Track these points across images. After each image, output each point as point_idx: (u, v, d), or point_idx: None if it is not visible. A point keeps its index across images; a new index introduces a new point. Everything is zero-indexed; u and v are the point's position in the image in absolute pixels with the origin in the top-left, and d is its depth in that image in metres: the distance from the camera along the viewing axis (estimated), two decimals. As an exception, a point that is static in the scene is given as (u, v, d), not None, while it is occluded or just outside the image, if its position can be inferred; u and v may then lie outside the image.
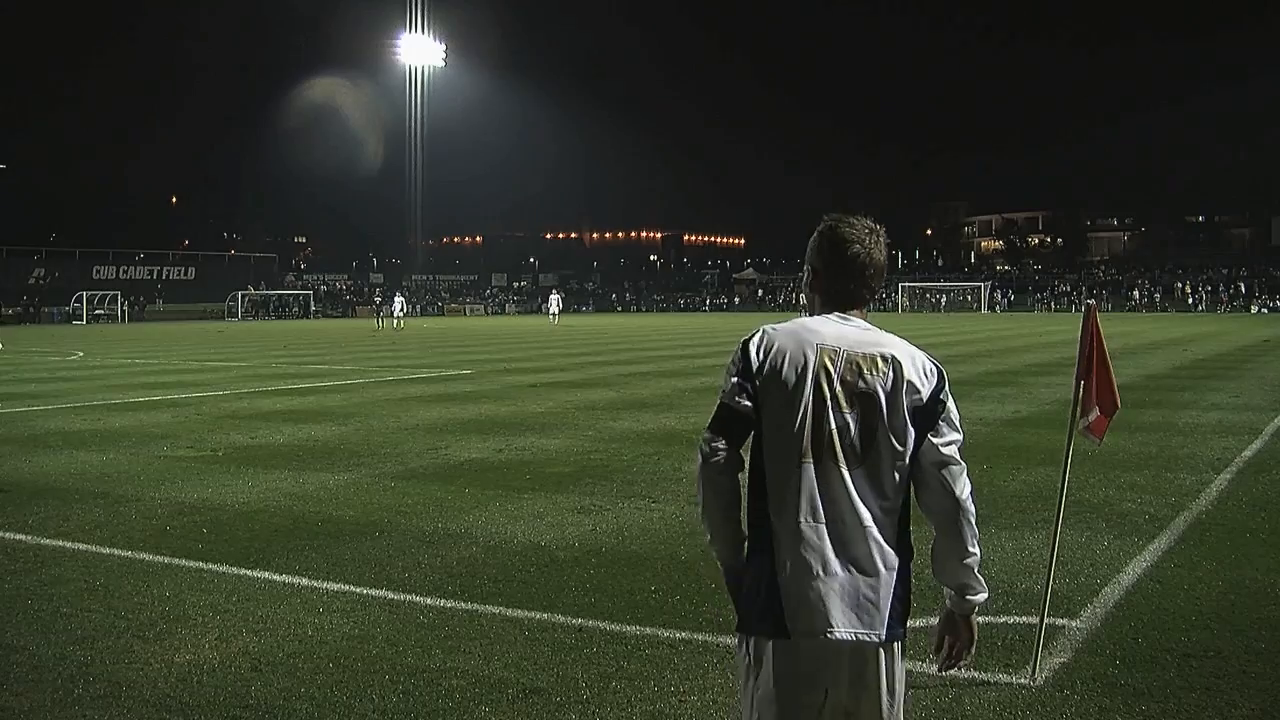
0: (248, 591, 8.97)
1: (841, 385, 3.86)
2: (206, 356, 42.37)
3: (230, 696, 6.69)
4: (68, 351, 47.32)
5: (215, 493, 13.22)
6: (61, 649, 7.61)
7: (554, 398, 23.80)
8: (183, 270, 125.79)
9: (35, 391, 27.23)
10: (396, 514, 11.91)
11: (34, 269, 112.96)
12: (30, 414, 22.15)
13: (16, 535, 11.11)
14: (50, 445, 17.39)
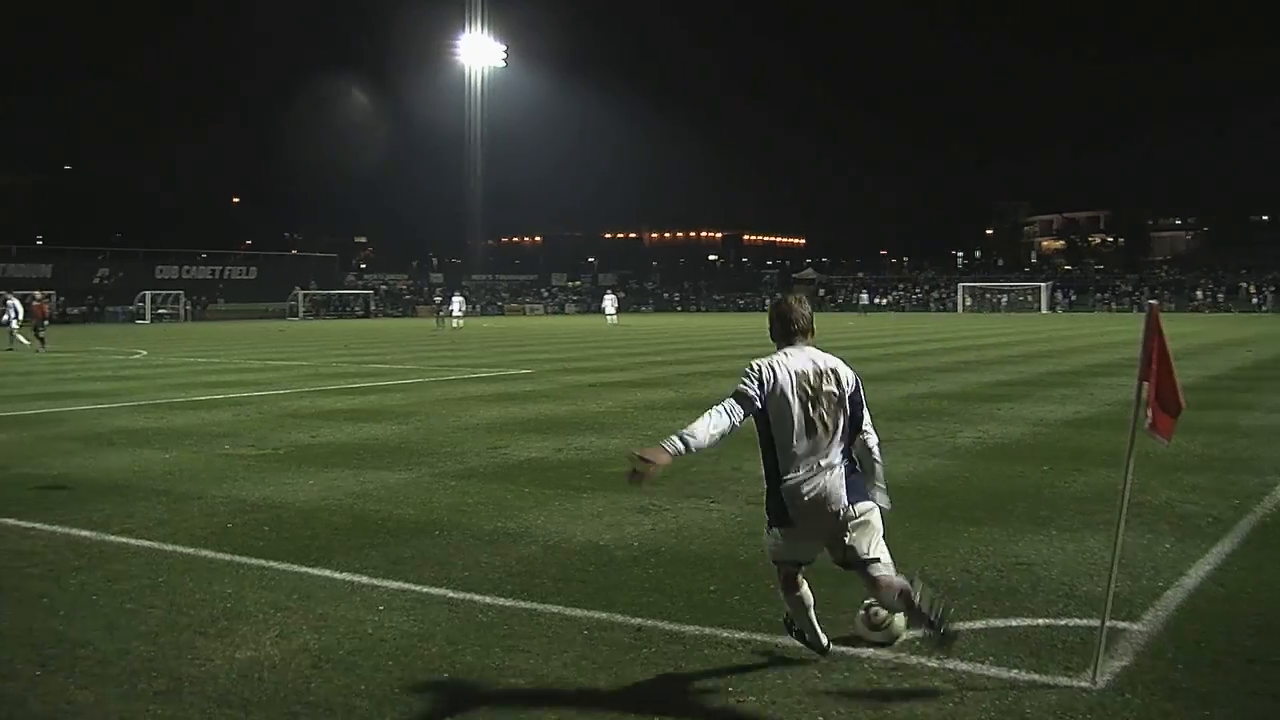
0: (308, 589, 9.02)
1: (812, 388, 6.73)
2: (268, 356, 42.62)
3: (290, 693, 6.73)
4: (131, 350, 47.73)
5: (276, 491, 13.30)
6: (126, 644, 7.68)
7: (613, 397, 23.81)
8: (244, 270, 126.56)
9: (99, 390, 27.48)
10: (456, 513, 11.94)
11: (98, 269, 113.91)
12: (94, 412, 22.35)
13: (82, 531, 11.21)
14: (114, 443, 17.54)
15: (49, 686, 6.92)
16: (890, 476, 7.27)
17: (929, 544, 10.37)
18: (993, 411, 20.34)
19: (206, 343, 56.11)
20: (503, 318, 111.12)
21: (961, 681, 6.78)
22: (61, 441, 17.81)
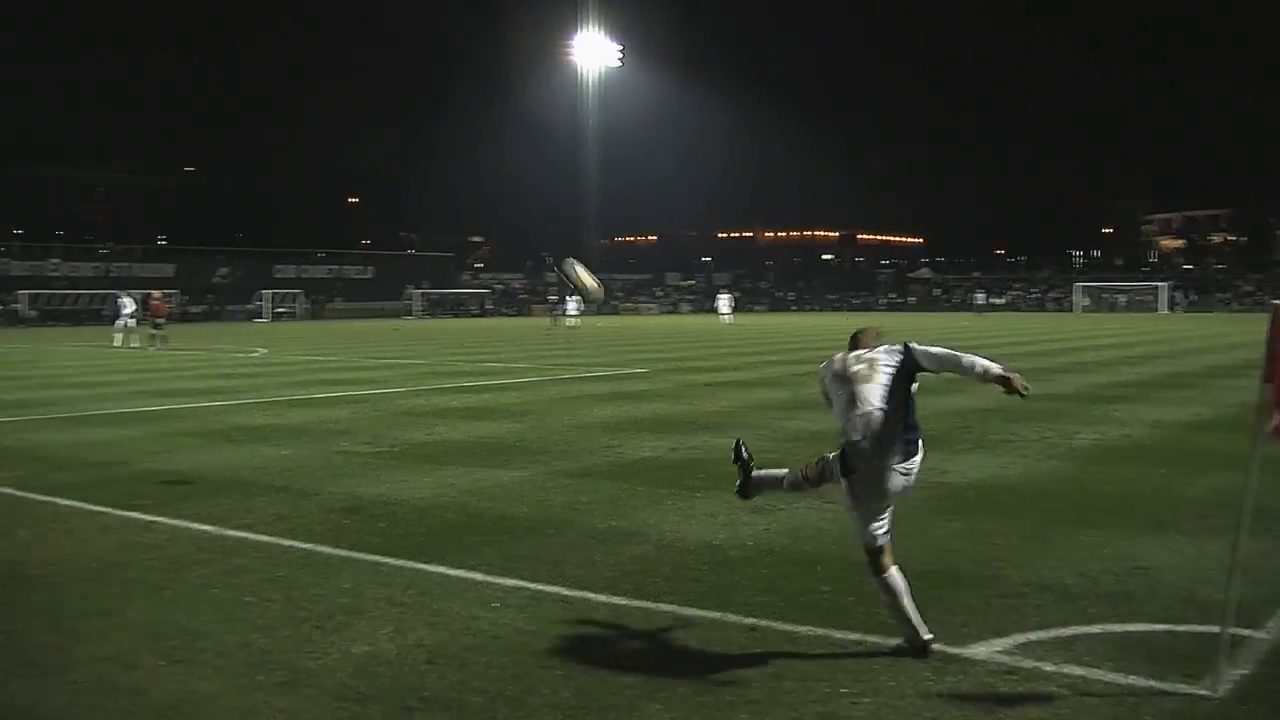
0: (424, 586, 9.09)
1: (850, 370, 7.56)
2: (384, 354, 43.03)
3: (405, 688, 6.79)
4: (250, 348, 48.40)
5: (392, 488, 13.43)
6: (245, 636, 7.79)
7: (727, 397, 23.79)
8: (361, 269, 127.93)
9: (219, 387, 27.91)
10: (570, 511, 11.99)
11: (218, 268, 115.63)
12: (214, 409, 22.70)
13: (203, 526, 11.39)
14: (233, 439, 17.80)
15: (171, 676, 7.04)
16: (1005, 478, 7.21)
17: (1045, 546, 10.26)
18: (1110, 413, 20.06)
19: (324, 341, 56.79)
20: (617, 317, 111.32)
21: (1078, 686, 6.69)
22: (183, 438, 18.11)
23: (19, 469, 15.15)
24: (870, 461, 7.25)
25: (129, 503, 12.61)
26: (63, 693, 6.84)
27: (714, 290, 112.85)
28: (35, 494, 13.36)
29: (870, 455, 7.24)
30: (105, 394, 26.32)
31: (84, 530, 11.35)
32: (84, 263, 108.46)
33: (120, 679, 7.04)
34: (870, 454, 7.24)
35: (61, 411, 22.34)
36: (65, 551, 10.47)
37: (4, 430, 19.56)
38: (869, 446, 7.23)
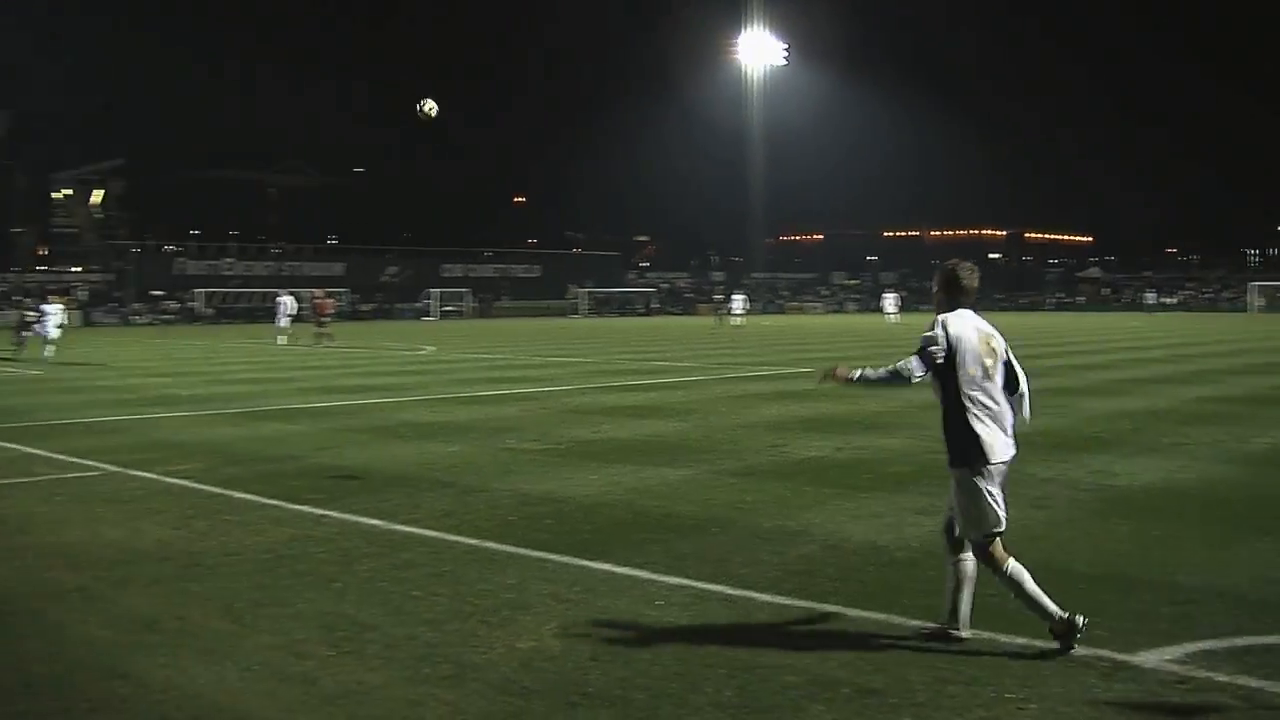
0: (589, 583, 9.14)
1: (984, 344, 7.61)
2: (551, 352, 43.33)
3: (569, 684, 6.83)
4: (418, 346, 49.03)
5: (559, 485, 13.52)
6: (412, 629, 7.90)
7: (894, 396, 23.56)
8: (528, 268, 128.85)
9: (389, 384, 28.32)
10: (735, 510, 11.97)
11: (387, 267, 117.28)
12: (384, 405, 23.05)
13: (372, 520, 11.57)
14: (402, 436, 18.05)
15: (340, 667, 7.16)
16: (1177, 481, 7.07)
17: (1218, 552, 10.03)
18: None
19: (491, 339, 57.35)
20: (782, 316, 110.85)
21: (1252, 698, 6.52)
22: (353, 433, 18.41)
23: (195, 462, 15.52)
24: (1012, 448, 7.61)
25: (300, 496, 12.85)
26: (237, 679, 7.00)
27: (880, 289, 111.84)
28: (210, 486, 13.68)
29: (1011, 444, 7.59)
30: (276, 390, 26.87)
31: (257, 522, 11.60)
32: (257, 262, 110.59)
33: (292, 667, 7.18)
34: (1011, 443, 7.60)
35: (235, 407, 22.84)
36: (239, 542, 10.71)
37: (181, 425, 20.06)
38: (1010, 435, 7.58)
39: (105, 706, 6.60)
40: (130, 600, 8.82)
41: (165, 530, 11.28)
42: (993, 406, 7.51)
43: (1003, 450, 7.47)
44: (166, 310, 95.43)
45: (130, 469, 14.97)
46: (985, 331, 7.69)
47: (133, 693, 6.79)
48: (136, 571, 9.69)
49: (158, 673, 7.11)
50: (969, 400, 7.50)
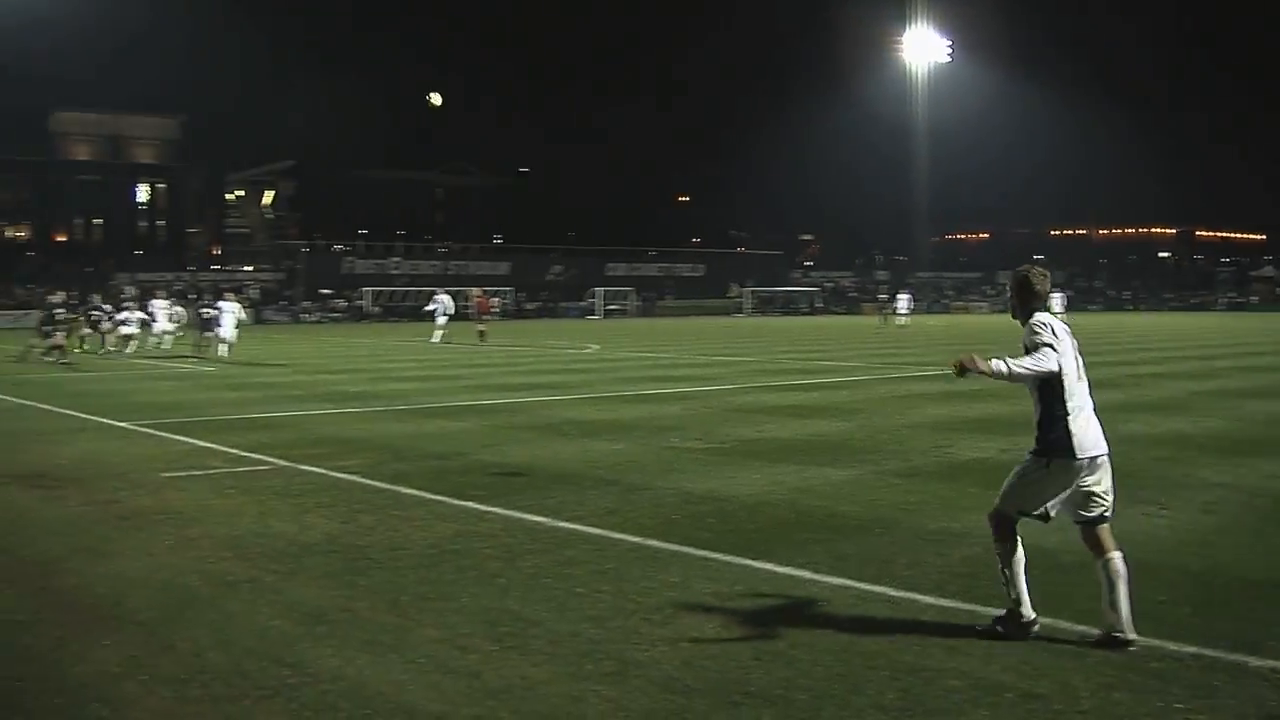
0: (751, 582, 9.13)
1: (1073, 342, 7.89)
2: (714, 351, 43.35)
3: (731, 683, 6.82)
4: (583, 345, 49.30)
5: (722, 484, 13.51)
6: (575, 626, 7.95)
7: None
8: (692, 267, 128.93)
9: (554, 382, 28.52)
10: (899, 511, 11.88)
11: (552, 266, 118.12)
12: (550, 403, 23.22)
13: (537, 517, 11.67)
14: (566, 434, 18.16)
15: (503, 662, 7.23)
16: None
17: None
18: None
19: (655, 338, 57.52)
20: (947, 315, 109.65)
21: None
22: (518, 431, 18.57)
23: (363, 458, 15.77)
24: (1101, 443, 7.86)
25: (465, 492, 13.01)
26: (402, 671, 7.09)
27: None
28: (377, 481, 13.90)
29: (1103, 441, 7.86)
30: (442, 388, 27.23)
31: (423, 518, 11.75)
32: (424, 261, 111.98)
33: (456, 661, 7.26)
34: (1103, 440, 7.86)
35: (401, 404, 23.16)
36: (405, 537, 10.86)
37: (350, 420, 20.40)
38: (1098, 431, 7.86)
39: (275, 694, 6.73)
40: (299, 592, 8.99)
41: (333, 524, 11.48)
42: (1086, 404, 7.84)
43: (1094, 446, 7.73)
44: (335, 308, 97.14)
45: (299, 464, 15.26)
46: (1070, 332, 8.00)
47: (301, 682, 6.92)
48: (305, 564, 9.88)
49: (325, 663, 7.23)
50: (1069, 397, 7.79)
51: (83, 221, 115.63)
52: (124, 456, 16.19)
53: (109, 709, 6.58)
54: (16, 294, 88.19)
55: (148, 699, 6.73)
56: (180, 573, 9.62)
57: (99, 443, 17.66)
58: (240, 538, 10.89)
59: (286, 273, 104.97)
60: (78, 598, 8.93)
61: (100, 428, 19.64)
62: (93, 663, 7.34)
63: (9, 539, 10.99)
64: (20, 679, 7.06)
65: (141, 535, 11.08)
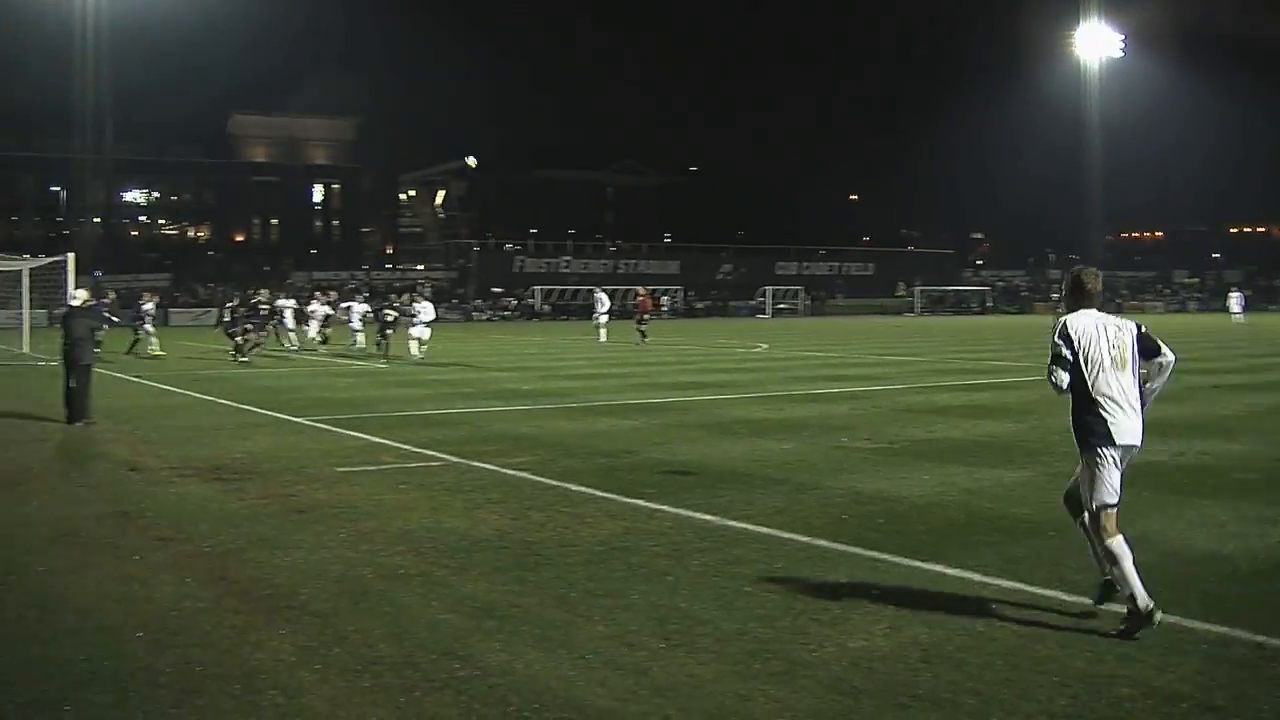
0: (920, 583, 9.08)
1: (1108, 336, 8.21)
2: (884, 351, 43.10)
3: (899, 685, 6.79)
4: (752, 344, 49.25)
5: (891, 484, 13.44)
6: (742, 625, 7.96)
7: (1238, 400, 22.70)
8: (861, 266, 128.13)
9: (724, 381, 28.55)
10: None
11: (722, 265, 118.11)
12: (719, 402, 23.26)
13: (705, 516, 11.70)
14: (735, 433, 18.17)
15: (671, 659, 7.27)
16: None
17: None
18: None
19: (824, 337, 57.28)
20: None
21: None
22: (687, 429, 18.63)
23: (533, 455, 15.93)
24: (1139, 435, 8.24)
25: (635, 491, 13.08)
26: (570, 666, 7.17)
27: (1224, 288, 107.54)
28: (547, 478, 14.03)
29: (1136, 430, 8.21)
30: (611, 385, 27.39)
31: (592, 515, 11.85)
32: (594, 260, 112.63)
33: (624, 658, 7.31)
34: (1136, 428, 8.20)
35: (570, 402, 23.35)
36: (575, 534, 10.96)
37: (519, 418, 20.61)
38: (1134, 420, 8.20)
39: (445, 687, 6.84)
40: (470, 586, 9.12)
41: (504, 520, 11.62)
42: (1120, 395, 8.15)
43: (1129, 435, 8.13)
44: (506, 307, 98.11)
45: (470, 460, 15.46)
46: (1110, 324, 8.36)
47: (470, 675, 7.02)
48: (476, 559, 10.02)
49: (495, 657, 7.33)
50: (1096, 390, 8.15)
51: (260, 221, 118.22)
52: (300, 451, 16.53)
53: (284, 696, 6.74)
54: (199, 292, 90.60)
55: (321, 687, 6.88)
56: (354, 565, 9.82)
57: (276, 437, 18.06)
58: (413, 532, 11.07)
59: (458, 271, 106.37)
60: (255, 588, 9.15)
61: (278, 423, 20.09)
62: (269, 651, 7.53)
63: (190, 530, 11.29)
64: (200, 665, 7.26)
65: (317, 528, 11.32)
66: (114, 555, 10.30)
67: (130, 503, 12.77)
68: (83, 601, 8.79)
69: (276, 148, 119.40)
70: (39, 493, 13.43)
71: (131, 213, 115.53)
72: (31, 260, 40.88)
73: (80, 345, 19.81)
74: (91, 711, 6.57)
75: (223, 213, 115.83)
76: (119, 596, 8.91)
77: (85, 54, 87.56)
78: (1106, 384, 8.14)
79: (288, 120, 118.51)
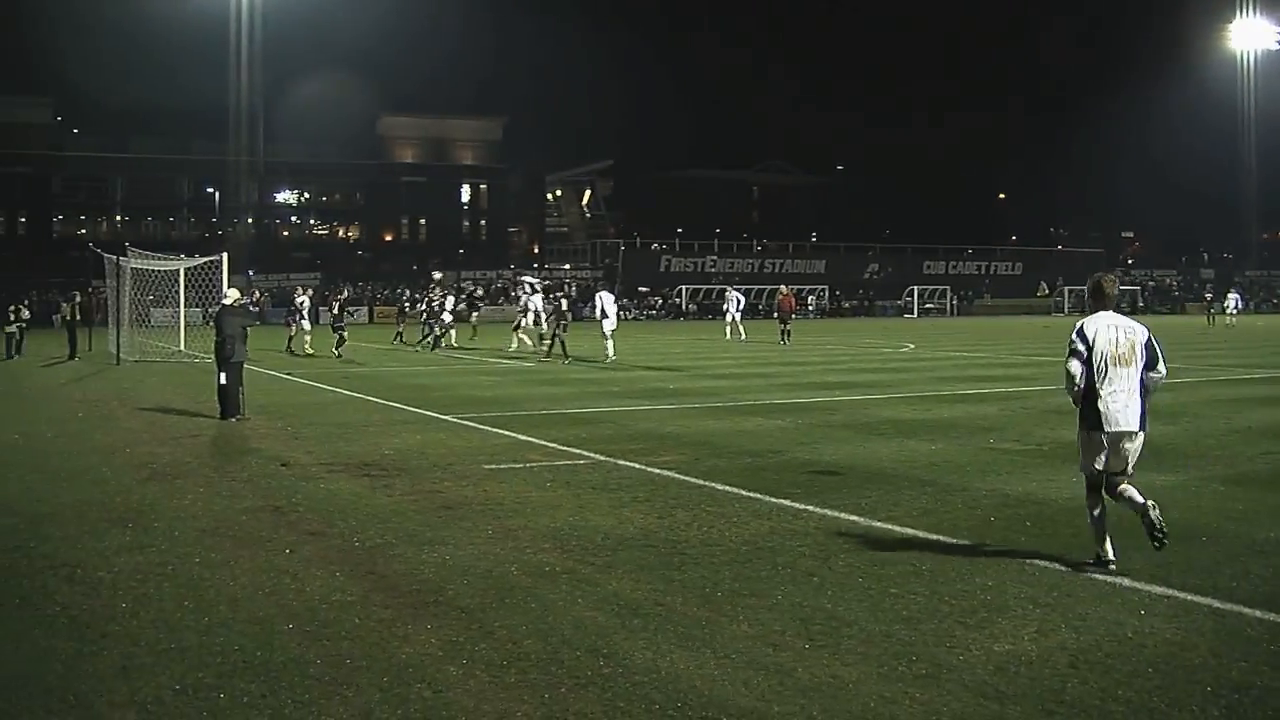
0: (1068, 587, 8.97)
1: (1118, 337, 9.65)
2: (1033, 351, 42.54)
3: (1046, 691, 6.72)
4: (899, 344, 48.91)
5: (1039, 486, 13.30)
6: (888, 626, 7.93)
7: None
8: (1009, 265, 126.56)
9: (871, 381, 28.40)
10: (1224, 519, 11.51)
11: (869, 265, 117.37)
12: (866, 403, 23.14)
13: (850, 516, 11.67)
14: (882, 433, 18.07)
15: (815, 660, 7.27)
16: None
17: None
18: None
19: (971, 336, 56.71)
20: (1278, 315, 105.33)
21: None
22: (833, 429, 18.56)
23: (679, 454, 15.96)
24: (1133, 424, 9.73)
25: (780, 490, 13.07)
26: (714, 665, 7.19)
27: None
28: (692, 478, 14.06)
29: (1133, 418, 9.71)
30: (758, 385, 27.38)
31: (738, 514, 11.86)
32: (739, 259, 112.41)
33: (768, 658, 7.32)
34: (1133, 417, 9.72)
35: (716, 401, 23.36)
36: (720, 533, 10.98)
37: (665, 417, 20.65)
38: (1131, 410, 9.71)
39: (589, 684, 6.90)
40: (615, 584, 9.17)
41: (649, 519, 11.67)
42: (1121, 387, 9.69)
43: (1124, 423, 9.65)
44: (652, 306, 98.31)
45: (616, 459, 15.53)
46: (1122, 326, 9.92)
47: (615, 672, 7.07)
48: (621, 557, 10.07)
49: (639, 655, 7.38)
50: (1101, 383, 9.67)
51: (408, 221, 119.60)
52: (447, 448, 16.72)
53: (430, 690, 6.84)
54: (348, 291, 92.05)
55: (467, 682, 6.97)
56: (500, 562, 9.92)
57: (424, 434, 18.27)
58: (559, 530, 11.16)
59: (605, 271, 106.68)
60: (403, 583, 9.29)
61: (425, 420, 20.34)
62: (417, 645, 7.64)
63: (340, 525, 11.48)
64: (349, 657, 7.39)
65: (464, 525, 11.45)
66: (265, 549, 10.51)
67: (281, 497, 13.03)
68: (235, 593, 9.00)
69: (425, 148, 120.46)
70: (193, 487, 13.73)
71: (283, 213, 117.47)
72: (187, 260, 41.68)
73: (232, 343, 20.21)
74: (244, 700, 6.72)
75: (372, 213, 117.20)
76: (270, 589, 9.10)
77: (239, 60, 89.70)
78: (1110, 379, 9.65)
79: (436, 121, 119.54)
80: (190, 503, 12.74)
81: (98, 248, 48.84)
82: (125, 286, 39.56)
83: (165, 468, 15.19)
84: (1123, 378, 9.64)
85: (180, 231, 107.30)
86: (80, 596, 8.96)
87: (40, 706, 6.69)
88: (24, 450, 16.97)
